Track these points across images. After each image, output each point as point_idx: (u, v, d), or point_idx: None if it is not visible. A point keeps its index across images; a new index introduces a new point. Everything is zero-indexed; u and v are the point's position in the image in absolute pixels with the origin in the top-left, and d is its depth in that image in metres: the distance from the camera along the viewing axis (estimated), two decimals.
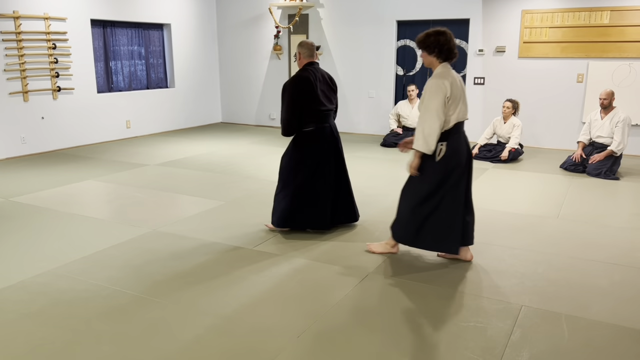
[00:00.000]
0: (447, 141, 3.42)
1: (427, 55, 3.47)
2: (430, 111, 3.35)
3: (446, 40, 3.40)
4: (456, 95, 3.38)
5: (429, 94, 3.38)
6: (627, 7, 7.22)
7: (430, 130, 3.35)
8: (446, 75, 3.39)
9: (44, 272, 3.55)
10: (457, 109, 3.40)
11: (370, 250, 3.90)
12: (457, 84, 3.40)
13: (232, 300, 3.16)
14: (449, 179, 3.47)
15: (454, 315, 2.98)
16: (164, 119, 9.49)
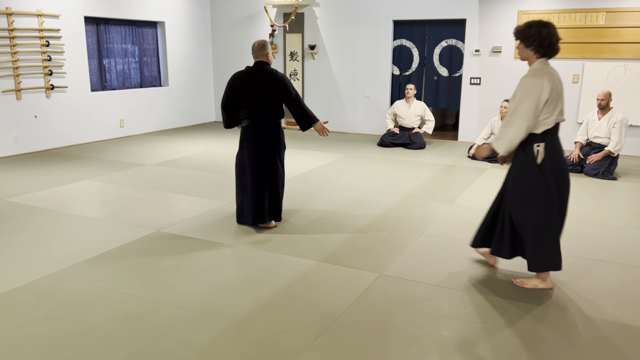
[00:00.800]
0: (544, 142, 3.12)
1: (523, 48, 3.15)
2: (520, 113, 3.04)
3: (548, 34, 3.09)
4: (555, 95, 3.07)
5: (522, 93, 3.06)
6: (622, 9, 7.29)
7: (516, 135, 3.07)
8: (544, 73, 3.06)
9: (50, 274, 3.48)
10: (557, 108, 3.11)
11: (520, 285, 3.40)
12: (556, 82, 3.09)
13: (244, 302, 3.12)
14: (559, 184, 3.15)
15: (462, 312, 2.97)
16: (158, 117, 9.39)
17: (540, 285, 3.32)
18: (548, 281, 3.33)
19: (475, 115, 8.45)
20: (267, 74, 4.28)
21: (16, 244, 4.01)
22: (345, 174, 6.32)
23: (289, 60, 9.66)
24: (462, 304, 3.12)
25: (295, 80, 9.66)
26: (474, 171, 6.54)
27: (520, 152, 3.20)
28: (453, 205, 5.08)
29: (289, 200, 5.17)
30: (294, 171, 6.42)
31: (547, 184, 3.13)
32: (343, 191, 5.54)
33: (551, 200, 3.15)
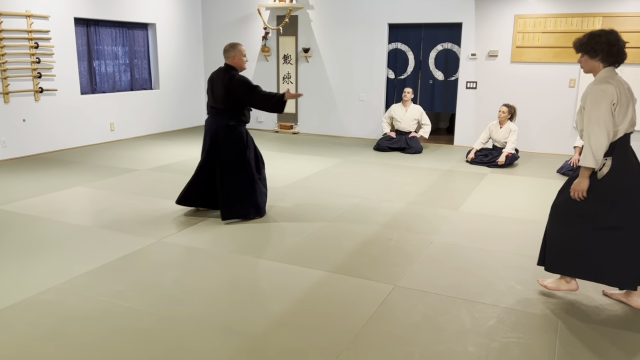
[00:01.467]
0: (612, 156, 2.95)
1: (588, 59, 3.01)
2: (596, 121, 2.89)
3: (617, 40, 2.95)
4: (624, 101, 2.92)
5: (591, 101, 2.91)
6: (618, 14, 7.30)
7: (598, 143, 2.89)
8: (610, 79, 2.94)
9: (49, 288, 3.31)
10: (626, 116, 2.93)
11: (544, 286, 3.37)
12: (623, 88, 2.94)
13: (256, 316, 2.99)
14: (618, 202, 2.96)
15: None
16: (149, 121, 9.20)
17: (563, 287, 3.30)
18: (572, 284, 3.27)
19: (471, 119, 8.40)
20: (224, 78, 4.46)
21: (11, 255, 3.83)
22: (345, 180, 6.21)
23: (282, 63, 9.54)
24: (484, 317, 3.03)
25: (289, 83, 9.54)
26: (474, 176, 6.48)
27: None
28: (459, 212, 5.00)
29: (291, 207, 5.06)
30: (292, 177, 6.29)
31: (596, 206, 2.97)
32: (345, 197, 5.43)
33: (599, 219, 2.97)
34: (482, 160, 7.12)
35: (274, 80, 9.70)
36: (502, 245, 4.15)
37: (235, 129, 4.55)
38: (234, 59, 4.53)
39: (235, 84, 4.43)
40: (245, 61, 4.59)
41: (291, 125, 9.71)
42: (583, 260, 3.08)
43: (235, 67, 4.54)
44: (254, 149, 4.73)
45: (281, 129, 9.77)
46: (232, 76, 4.46)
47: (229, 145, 4.54)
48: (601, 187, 2.97)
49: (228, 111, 4.52)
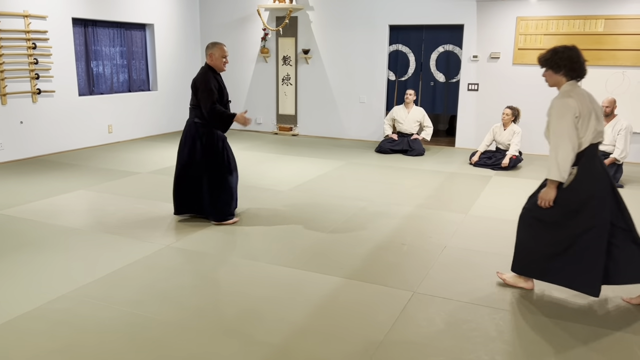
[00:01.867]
0: (577, 165, 3.03)
1: (552, 74, 3.12)
2: (560, 135, 2.98)
3: (578, 56, 3.06)
4: (585, 113, 2.99)
5: (555, 115, 3.01)
6: (621, 16, 7.31)
7: (564, 155, 2.98)
8: (571, 92, 3.02)
9: (59, 296, 3.22)
10: (589, 127, 3.00)
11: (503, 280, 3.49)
12: (585, 101, 3.01)
13: (277, 325, 2.92)
14: (583, 211, 3.04)
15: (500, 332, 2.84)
16: (146, 123, 9.08)
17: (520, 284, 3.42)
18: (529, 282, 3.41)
19: (472, 121, 8.38)
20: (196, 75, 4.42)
21: (17, 262, 3.73)
22: (349, 183, 6.16)
23: (281, 64, 9.46)
24: (509, 325, 2.98)
25: (288, 85, 9.47)
26: (479, 179, 6.44)
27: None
28: (468, 216, 4.96)
29: (298, 211, 4.99)
30: (295, 180, 6.22)
31: (561, 213, 3.08)
32: (352, 201, 5.37)
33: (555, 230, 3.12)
34: (485, 163, 7.09)
35: (273, 82, 9.62)
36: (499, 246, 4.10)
37: (201, 126, 4.41)
38: (211, 58, 4.38)
39: (199, 83, 4.31)
40: (224, 62, 4.40)
41: (290, 127, 9.64)
42: (550, 265, 3.19)
43: (213, 68, 4.40)
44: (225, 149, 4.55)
45: (280, 130, 9.69)
46: (203, 74, 4.35)
47: (201, 146, 4.42)
48: (566, 195, 3.07)
49: (196, 109, 4.41)
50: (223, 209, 4.54)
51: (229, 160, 4.55)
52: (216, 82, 4.36)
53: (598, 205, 3.03)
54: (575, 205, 3.05)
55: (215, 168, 4.46)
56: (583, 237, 3.06)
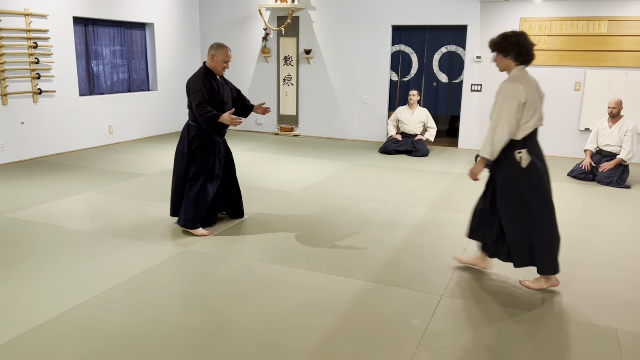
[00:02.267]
0: (526, 148, 3.22)
1: (502, 58, 3.30)
2: (501, 117, 3.17)
3: (525, 41, 3.23)
4: (532, 100, 3.19)
5: (502, 98, 3.20)
6: (624, 18, 7.35)
7: (500, 138, 3.18)
8: (521, 78, 3.22)
9: (83, 302, 3.14)
10: (535, 114, 3.21)
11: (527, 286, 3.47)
12: (533, 88, 3.22)
13: (308, 332, 2.87)
14: (543, 186, 3.24)
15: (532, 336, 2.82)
16: (147, 123, 8.98)
17: (545, 286, 3.39)
18: (553, 279, 3.40)
19: (476, 122, 8.39)
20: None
21: (35, 267, 3.64)
22: (359, 184, 6.12)
23: (283, 65, 9.40)
24: (548, 331, 2.96)
25: (290, 85, 9.41)
26: None
27: (504, 161, 3.27)
28: None
29: (312, 214, 4.95)
30: (304, 182, 6.17)
31: (536, 186, 3.22)
32: (365, 203, 5.34)
33: (545, 200, 3.25)
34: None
35: (274, 82, 9.56)
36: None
37: (194, 130, 4.25)
38: (212, 60, 4.18)
39: (191, 84, 4.17)
40: (223, 67, 4.21)
41: (292, 127, 9.58)
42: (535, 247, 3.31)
43: (210, 70, 4.21)
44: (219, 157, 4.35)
45: (282, 131, 9.63)
46: (197, 75, 4.19)
47: (190, 149, 4.27)
48: (526, 176, 3.21)
49: (190, 111, 4.26)
50: (192, 216, 4.26)
51: (213, 168, 4.28)
52: (209, 84, 4.14)
53: (549, 182, 3.29)
54: (537, 182, 3.22)
55: (196, 173, 4.25)
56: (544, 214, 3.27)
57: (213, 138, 4.28)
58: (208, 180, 4.29)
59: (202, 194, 4.27)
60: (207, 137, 4.25)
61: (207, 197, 4.30)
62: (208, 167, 4.26)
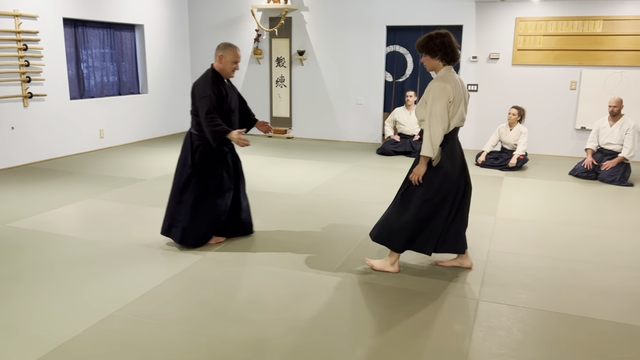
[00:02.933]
0: (442, 146, 3.36)
1: (430, 58, 3.39)
2: (435, 116, 3.29)
3: (450, 42, 3.35)
4: (457, 99, 3.33)
5: (433, 97, 3.30)
6: (618, 17, 7.44)
7: (435, 136, 3.31)
8: (449, 78, 3.34)
9: (107, 316, 2.98)
10: (457, 113, 3.35)
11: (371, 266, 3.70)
12: (458, 88, 3.35)
13: (358, 342, 2.77)
14: (449, 185, 3.40)
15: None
16: (138, 127, 8.76)
17: (388, 269, 3.62)
18: (395, 266, 3.62)
19: (472, 122, 8.39)
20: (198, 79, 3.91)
21: (47, 281, 3.46)
22: (365, 186, 6.04)
23: (275, 66, 9.28)
24: (589, 331, 2.91)
25: (282, 86, 9.29)
26: (491, 180, 6.43)
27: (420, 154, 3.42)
28: (498, 218, 4.92)
29: (325, 217, 4.85)
30: (308, 185, 6.07)
31: (432, 185, 3.38)
32: (375, 205, 5.26)
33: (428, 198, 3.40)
34: (492, 163, 7.09)
35: (266, 83, 9.43)
36: (565, 254, 4.07)
37: (196, 139, 3.91)
38: (220, 61, 3.84)
39: (198, 88, 3.83)
40: (233, 68, 3.86)
41: (285, 129, 9.46)
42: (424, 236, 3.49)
43: (218, 73, 3.87)
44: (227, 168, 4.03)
45: (275, 133, 9.50)
46: (204, 79, 3.83)
47: (192, 159, 3.92)
48: (434, 173, 3.38)
49: (193, 117, 3.92)
50: (202, 233, 4.00)
51: (222, 181, 3.96)
52: (217, 89, 3.80)
53: (461, 181, 3.44)
54: (444, 181, 3.38)
55: (204, 188, 3.91)
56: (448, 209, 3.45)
57: (220, 147, 3.95)
58: (218, 195, 3.97)
59: (212, 210, 3.95)
60: (210, 146, 3.89)
61: (218, 213, 3.99)
62: (217, 180, 3.94)
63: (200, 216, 3.94)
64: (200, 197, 3.93)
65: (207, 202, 3.94)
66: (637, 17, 7.36)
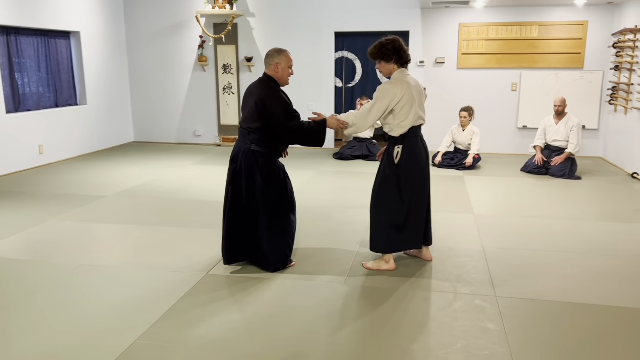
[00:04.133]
0: (403, 145, 3.53)
1: (385, 64, 3.55)
2: (371, 112, 3.48)
3: (401, 45, 3.53)
4: (409, 101, 3.46)
5: (377, 96, 3.49)
6: (552, 23, 7.98)
7: (363, 128, 3.56)
8: (401, 81, 3.49)
9: (129, 345, 2.76)
10: (410, 113, 3.48)
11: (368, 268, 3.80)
12: (410, 90, 3.48)
13: (410, 349, 2.77)
14: (412, 182, 3.58)
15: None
16: (79, 141, 8.23)
17: (384, 267, 3.73)
18: (391, 263, 3.74)
19: None
20: (260, 91, 3.61)
21: (44, 311, 3.16)
22: (337, 192, 6.07)
23: (222, 73, 9.07)
24: (614, 320, 3.09)
25: (230, 94, 9.11)
26: (453, 179, 6.66)
27: (385, 153, 3.66)
28: (477, 216, 5.10)
29: (316, 227, 4.81)
30: None
31: (398, 183, 3.56)
32: (357, 209, 5.29)
33: (398, 197, 3.57)
34: (449, 164, 7.35)
35: (213, 91, 9.20)
36: (551, 246, 4.30)
37: (261, 156, 3.62)
38: (277, 69, 3.62)
39: (270, 100, 3.55)
40: (290, 74, 3.71)
41: (235, 137, 9.27)
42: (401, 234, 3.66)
43: (276, 80, 3.68)
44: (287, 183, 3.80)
45: (224, 142, 9.29)
46: (270, 89, 3.60)
47: (267, 181, 3.63)
48: (397, 171, 3.56)
49: (255, 133, 3.60)
50: (283, 255, 3.76)
51: (292, 197, 3.82)
52: (285, 94, 3.64)
53: (423, 177, 3.63)
54: (406, 178, 3.55)
55: (277, 206, 3.68)
56: (413, 204, 3.61)
57: (280, 164, 3.76)
58: (290, 210, 3.78)
59: (288, 226, 3.76)
60: (277, 163, 3.72)
61: (293, 229, 3.81)
62: (289, 197, 3.76)
63: (279, 237, 3.70)
64: (277, 216, 3.69)
65: (283, 221, 3.72)
66: (569, 23, 7.94)
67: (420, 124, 3.57)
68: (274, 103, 3.56)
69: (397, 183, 3.57)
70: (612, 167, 7.51)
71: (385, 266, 3.74)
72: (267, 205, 3.64)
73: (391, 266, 3.74)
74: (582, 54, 7.99)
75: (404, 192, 3.58)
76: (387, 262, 3.75)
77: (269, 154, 3.66)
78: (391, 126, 3.57)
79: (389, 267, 3.74)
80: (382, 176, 3.67)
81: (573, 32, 7.95)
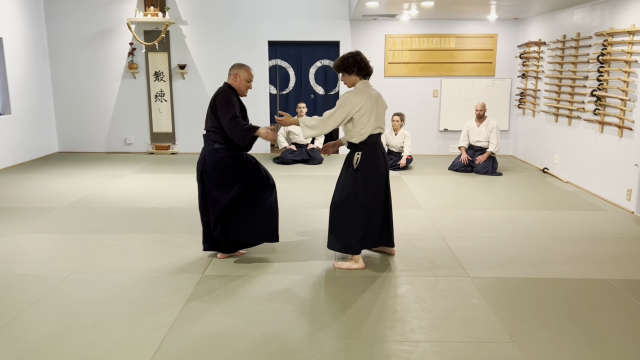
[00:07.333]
0: (362, 151, 3.81)
1: (348, 76, 3.85)
2: (331, 119, 3.74)
3: (362, 58, 3.84)
4: (368, 110, 3.72)
5: (339, 104, 3.75)
6: (467, 34, 8.84)
7: (321, 132, 3.82)
8: (362, 92, 3.77)
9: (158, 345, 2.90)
10: (369, 121, 3.74)
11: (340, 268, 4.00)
12: (371, 100, 3.76)
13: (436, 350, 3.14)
14: (371, 186, 3.83)
15: None
16: (5, 152, 7.80)
17: (354, 266, 3.97)
18: (360, 263, 3.99)
19: None
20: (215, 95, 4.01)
21: (45, 336, 3.17)
22: (296, 194, 6.32)
23: (153, 80, 9.00)
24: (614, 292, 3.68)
25: (163, 101, 9.06)
26: (392, 179, 7.14)
27: (347, 159, 3.93)
28: (427, 210, 5.62)
29: (308, 231, 5.05)
30: None
31: (358, 187, 3.81)
32: (316, 209, 5.61)
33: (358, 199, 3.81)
34: None
35: (144, 99, 9.09)
36: (497, 232, 4.90)
37: (224, 152, 3.98)
38: (235, 79, 4.01)
39: (219, 99, 3.93)
40: (247, 87, 4.04)
41: (168, 145, 9.22)
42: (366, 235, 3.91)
43: (234, 88, 4.03)
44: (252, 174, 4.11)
45: (157, 150, 9.20)
46: (223, 92, 3.97)
47: (212, 172, 4.00)
48: (357, 175, 3.82)
49: (215, 132, 3.99)
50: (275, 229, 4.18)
51: (267, 174, 4.18)
52: (238, 100, 4.02)
53: (382, 181, 3.89)
54: (366, 182, 3.81)
55: (263, 186, 4.11)
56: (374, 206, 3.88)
57: (244, 154, 4.11)
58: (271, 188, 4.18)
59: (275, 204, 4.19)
60: (240, 154, 4.05)
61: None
62: (264, 175, 4.13)
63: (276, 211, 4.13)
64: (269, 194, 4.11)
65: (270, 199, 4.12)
66: (481, 35, 8.84)
67: (379, 132, 3.81)
68: (222, 102, 3.91)
69: (357, 186, 3.80)
70: (524, 163, 8.47)
71: (354, 265, 3.96)
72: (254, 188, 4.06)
73: (360, 265, 3.96)
74: (493, 63, 8.93)
75: (364, 195, 3.80)
76: (356, 261, 3.97)
77: (231, 149, 4.00)
78: (351, 133, 3.81)
79: (359, 266, 3.96)
80: (344, 180, 3.91)
81: (485, 44, 8.86)
